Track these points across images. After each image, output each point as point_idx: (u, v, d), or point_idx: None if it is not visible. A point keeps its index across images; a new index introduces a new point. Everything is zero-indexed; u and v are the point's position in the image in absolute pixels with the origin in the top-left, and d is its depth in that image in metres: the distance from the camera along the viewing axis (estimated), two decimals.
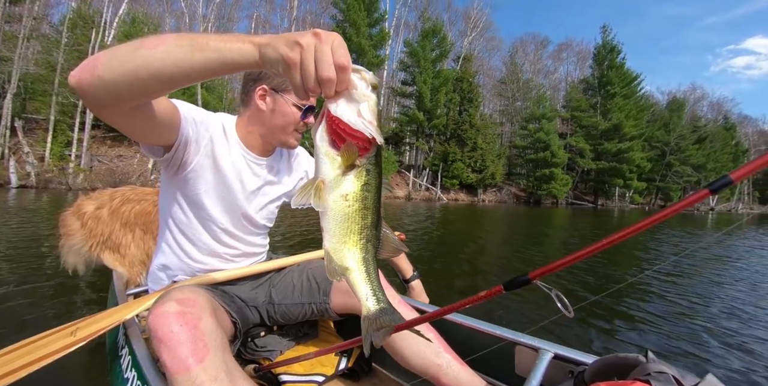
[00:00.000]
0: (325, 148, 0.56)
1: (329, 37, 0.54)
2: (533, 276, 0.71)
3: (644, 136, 35.36)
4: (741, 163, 22.90)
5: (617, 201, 37.11)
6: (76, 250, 2.00)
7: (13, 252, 4.03)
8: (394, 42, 34.78)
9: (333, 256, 0.59)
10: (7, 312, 2.40)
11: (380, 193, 0.59)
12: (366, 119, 0.54)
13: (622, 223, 15.10)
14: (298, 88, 0.56)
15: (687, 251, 3.72)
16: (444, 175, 30.24)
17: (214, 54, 0.60)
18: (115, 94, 0.66)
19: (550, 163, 32.00)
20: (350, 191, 0.56)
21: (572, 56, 45.93)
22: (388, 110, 34.19)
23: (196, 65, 0.61)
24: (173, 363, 0.78)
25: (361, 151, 0.55)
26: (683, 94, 45.50)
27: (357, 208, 0.57)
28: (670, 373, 0.71)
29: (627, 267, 4.77)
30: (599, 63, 36.09)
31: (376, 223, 0.59)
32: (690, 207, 0.58)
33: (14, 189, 14.04)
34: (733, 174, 0.53)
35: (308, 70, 0.53)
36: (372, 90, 0.56)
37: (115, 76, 0.63)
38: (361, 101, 0.54)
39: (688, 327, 2.53)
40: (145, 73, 0.62)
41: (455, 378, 1.07)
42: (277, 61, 0.56)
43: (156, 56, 0.61)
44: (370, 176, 0.57)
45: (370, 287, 0.60)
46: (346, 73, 0.53)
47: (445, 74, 30.06)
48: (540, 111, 33.42)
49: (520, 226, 11.99)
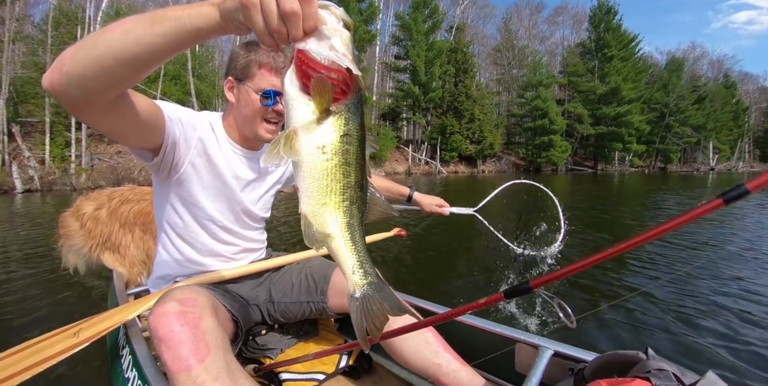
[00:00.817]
0: (295, 92, 0.50)
1: None
2: (534, 285, 0.69)
3: (643, 98, 35.11)
4: (741, 121, 22.89)
5: (617, 166, 37.28)
6: (76, 250, 2.01)
7: (19, 255, 4.13)
8: (385, 15, 34.08)
9: (311, 220, 0.52)
10: (13, 313, 2.45)
11: (364, 147, 0.53)
12: (339, 52, 0.48)
13: (622, 189, 15.27)
14: (262, 32, 0.51)
15: (697, 264, 3.47)
16: (443, 148, 30.40)
17: (174, 23, 0.57)
18: (85, 88, 0.63)
19: (549, 131, 32.04)
20: (327, 142, 0.50)
21: (568, 20, 44.95)
22: (382, 86, 33.93)
23: (158, 39, 0.58)
24: (174, 362, 0.78)
25: (337, 94, 0.49)
26: (683, 54, 44.65)
27: (337, 163, 0.50)
28: (670, 370, 0.71)
29: (633, 259, 4.25)
30: (595, 25, 35.38)
31: (360, 183, 0.53)
32: (699, 217, 0.52)
33: (20, 194, 13.91)
34: (750, 183, 0.49)
35: (269, 7, 0.49)
36: (345, 28, 0.50)
37: (82, 68, 0.60)
38: (332, 36, 0.48)
39: (688, 322, 2.46)
40: (110, 59, 0.59)
41: (455, 378, 1.06)
42: (236, 9, 0.52)
43: (116, 38, 0.58)
44: (350, 126, 0.50)
45: (356, 257, 0.55)
46: (311, 5, 0.48)
47: (439, 46, 29.66)
48: (536, 78, 33.18)
49: (518, 197, 12.20)
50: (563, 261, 3.29)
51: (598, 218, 6.88)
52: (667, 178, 24.10)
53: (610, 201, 10.04)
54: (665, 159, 40.64)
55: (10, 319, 2.38)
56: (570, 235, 4.87)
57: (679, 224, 0.54)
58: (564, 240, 1.75)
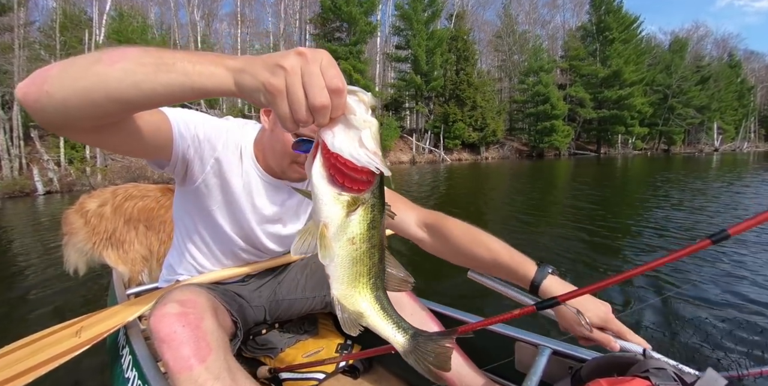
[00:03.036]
0: (325, 186, 0.48)
1: (316, 55, 0.47)
2: (563, 300, 0.78)
3: (645, 80, 35.08)
4: (747, 101, 22.87)
5: (620, 149, 37.40)
6: (79, 248, 2.00)
7: (35, 259, 4.40)
8: (385, 6, 34.16)
9: (344, 303, 0.54)
10: (19, 308, 2.53)
11: (384, 221, 0.53)
12: (370, 150, 0.46)
13: (626, 174, 15.40)
14: (287, 119, 0.48)
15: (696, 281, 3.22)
16: (446, 136, 30.69)
17: (181, 77, 0.52)
18: (66, 114, 0.57)
19: (551, 116, 32.18)
20: (357, 233, 0.50)
21: (569, 2, 44.36)
22: (384, 76, 34.21)
23: (159, 88, 0.53)
24: (176, 363, 0.78)
25: (365, 185, 0.48)
26: (686, 34, 44.31)
27: (365, 249, 0.51)
28: (669, 369, 0.72)
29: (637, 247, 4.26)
30: (596, 8, 35.13)
31: (382, 257, 0.55)
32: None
33: (41, 196, 14.31)
34: (732, 229, 0.54)
35: (297, 97, 0.45)
36: (372, 113, 0.48)
37: (65, 94, 0.54)
38: (362, 128, 0.46)
39: (689, 319, 2.47)
40: (101, 94, 0.54)
41: (457, 372, 1.06)
42: (257, 89, 0.48)
43: (113, 75, 0.53)
44: (376, 210, 0.51)
45: (392, 322, 0.57)
46: (342, 96, 0.46)
47: (439, 34, 29.77)
48: (537, 63, 33.17)
49: (521, 183, 12.34)
50: (587, 273, 3.45)
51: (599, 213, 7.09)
52: (670, 161, 24.27)
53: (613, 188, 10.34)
54: (669, 141, 40.64)
55: (15, 315, 2.43)
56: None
57: (676, 257, 0.67)
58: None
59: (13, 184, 15.34)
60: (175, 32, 25.57)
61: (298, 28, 33.64)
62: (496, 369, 1.20)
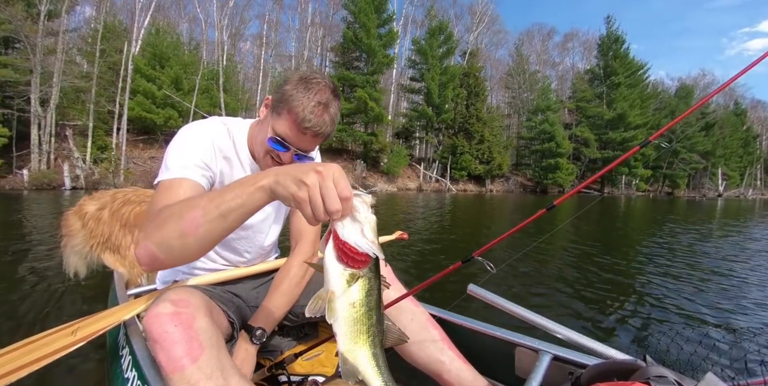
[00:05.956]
0: (334, 264, 0.61)
1: (329, 171, 0.60)
2: (475, 255, 0.94)
3: (649, 124, 35.97)
4: (752, 148, 24.29)
5: (623, 189, 37.84)
6: (77, 251, 2.02)
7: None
8: (403, 39, 35.79)
9: (347, 356, 0.64)
10: (16, 310, 2.44)
11: (380, 292, 0.65)
12: (369, 239, 0.60)
13: (629, 213, 15.61)
14: (310, 218, 0.62)
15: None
16: (453, 167, 31.48)
17: (240, 210, 0.68)
18: (183, 261, 0.77)
19: (555, 153, 33.08)
20: (357, 299, 0.62)
21: (578, 46, 46.34)
22: (398, 106, 35.54)
23: (230, 225, 0.70)
24: (169, 363, 0.80)
25: (362, 264, 0.61)
26: (693, 81, 45.57)
27: (363, 312, 0.63)
28: (670, 376, 0.73)
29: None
30: (604, 53, 36.80)
31: (380, 319, 0.66)
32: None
33: (68, 190, 15.25)
34: (557, 201, 0.75)
35: (317, 205, 0.59)
36: (371, 210, 0.62)
37: (175, 258, 0.75)
38: (364, 222, 0.61)
39: (685, 328, 2.51)
40: (199, 253, 0.75)
41: (458, 376, 1.08)
42: (287, 198, 0.63)
43: (200, 238, 0.70)
44: (372, 282, 0.63)
45: (382, 380, 0.66)
46: (350, 201, 0.60)
47: (453, 70, 31.15)
48: (545, 103, 34.36)
49: (520, 218, 12.37)
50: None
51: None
52: (673, 204, 24.36)
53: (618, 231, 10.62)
54: (672, 184, 41.14)
55: (12, 317, 2.37)
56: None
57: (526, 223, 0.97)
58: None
59: (42, 176, 16.24)
60: (202, 49, 27.05)
61: (319, 55, 35.44)
62: (497, 374, 1.21)
